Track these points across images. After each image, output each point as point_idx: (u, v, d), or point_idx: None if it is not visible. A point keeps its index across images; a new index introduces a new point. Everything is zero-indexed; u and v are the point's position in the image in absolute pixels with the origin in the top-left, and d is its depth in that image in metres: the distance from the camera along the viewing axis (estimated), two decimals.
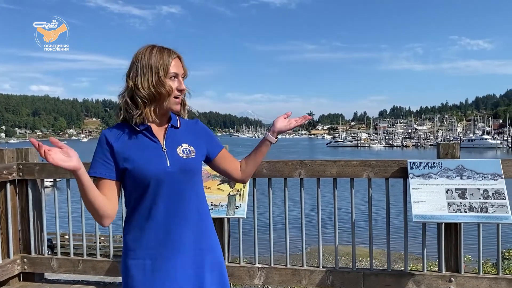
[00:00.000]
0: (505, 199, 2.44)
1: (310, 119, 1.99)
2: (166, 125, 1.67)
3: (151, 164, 1.56)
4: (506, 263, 5.20)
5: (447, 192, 2.51)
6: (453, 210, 2.47)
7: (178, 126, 1.70)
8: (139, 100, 1.57)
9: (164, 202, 1.57)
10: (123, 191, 1.66)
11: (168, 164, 1.57)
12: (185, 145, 1.65)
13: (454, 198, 2.49)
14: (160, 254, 1.57)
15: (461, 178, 2.52)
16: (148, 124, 1.62)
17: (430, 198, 2.51)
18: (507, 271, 4.61)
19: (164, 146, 1.61)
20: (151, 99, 1.57)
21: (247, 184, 2.81)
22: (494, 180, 2.48)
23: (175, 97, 1.61)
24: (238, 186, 2.84)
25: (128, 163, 1.56)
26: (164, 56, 1.59)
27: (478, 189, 2.48)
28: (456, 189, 2.50)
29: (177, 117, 1.73)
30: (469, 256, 4.63)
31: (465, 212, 2.46)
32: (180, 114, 1.72)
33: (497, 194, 2.45)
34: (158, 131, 1.64)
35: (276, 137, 1.90)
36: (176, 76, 1.61)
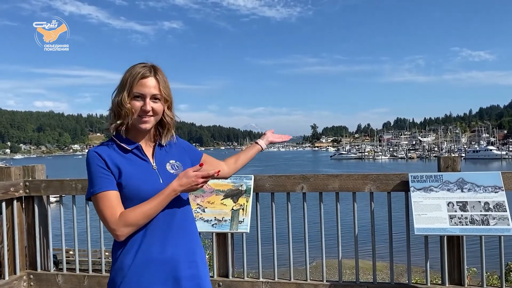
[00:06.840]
0: (506, 211, 2.45)
1: (290, 138, 2.28)
2: (154, 144, 1.71)
3: (146, 184, 1.59)
4: None
5: (448, 205, 2.53)
6: (455, 223, 2.49)
7: (164, 144, 1.73)
8: (111, 113, 1.63)
9: (157, 217, 1.59)
10: None
11: (161, 181, 1.61)
12: (172, 161, 1.71)
13: (456, 211, 2.51)
14: (150, 268, 1.57)
15: (462, 191, 2.54)
16: (138, 143, 1.66)
17: (432, 211, 2.53)
18: None
19: (154, 165, 1.66)
20: (117, 114, 1.61)
21: (250, 199, 2.84)
22: (495, 192, 2.50)
23: (140, 116, 1.61)
24: (242, 201, 2.87)
25: (122, 178, 1.57)
26: (133, 75, 1.60)
27: (479, 201, 2.50)
28: (457, 202, 2.52)
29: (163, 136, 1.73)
30: (474, 269, 4.61)
31: (466, 224, 2.48)
32: (161, 134, 1.71)
33: (498, 206, 2.47)
34: (147, 150, 1.68)
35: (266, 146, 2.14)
36: (141, 96, 1.60)
